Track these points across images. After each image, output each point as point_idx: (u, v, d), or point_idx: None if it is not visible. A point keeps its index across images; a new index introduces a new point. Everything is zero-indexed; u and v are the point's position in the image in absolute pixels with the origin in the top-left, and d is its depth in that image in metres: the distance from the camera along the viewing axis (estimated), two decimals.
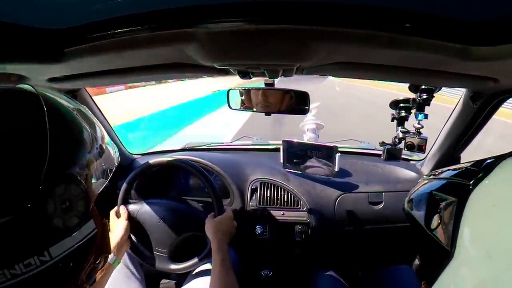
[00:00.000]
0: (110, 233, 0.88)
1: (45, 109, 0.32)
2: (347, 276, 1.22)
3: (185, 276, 1.02)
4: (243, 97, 1.03)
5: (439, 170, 0.66)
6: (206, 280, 0.97)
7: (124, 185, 1.02)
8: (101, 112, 1.22)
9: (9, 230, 0.28)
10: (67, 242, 0.33)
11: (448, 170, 0.58)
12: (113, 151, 0.44)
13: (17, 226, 0.28)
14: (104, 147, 0.40)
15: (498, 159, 0.38)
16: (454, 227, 0.36)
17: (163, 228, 0.97)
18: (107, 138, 0.43)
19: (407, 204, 0.71)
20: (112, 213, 0.99)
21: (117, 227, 0.94)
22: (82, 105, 0.42)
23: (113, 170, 0.43)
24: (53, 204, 0.30)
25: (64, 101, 0.38)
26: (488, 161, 0.42)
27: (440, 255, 0.37)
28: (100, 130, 0.41)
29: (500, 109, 0.93)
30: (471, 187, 0.38)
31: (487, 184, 0.35)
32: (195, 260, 0.95)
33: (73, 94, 1.02)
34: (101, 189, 0.40)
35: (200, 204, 1.12)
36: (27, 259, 0.29)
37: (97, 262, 0.40)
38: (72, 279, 0.35)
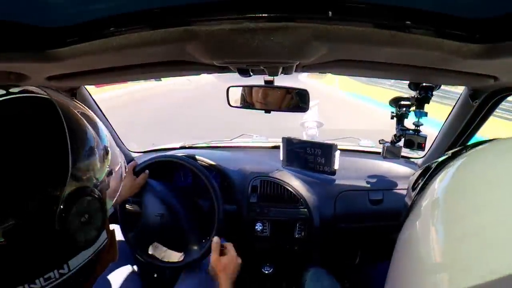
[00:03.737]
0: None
1: (63, 120, 0.31)
2: (346, 271, 1.22)
3: (178, 274, 1.03)
4: (242, 95, 1.03)
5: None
6: (200, 279, 0.98)
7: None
8: (101, 110, 1.22)
9: (32, 246, 0.28)
10: (84, 254, 0.33)
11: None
12: (121, 158, 0.43)
13: (41, 241, 0.28)
14: (113, 155, 0.39)
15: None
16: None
17: (162, 225, 0.97)
18: (114, 144, 0.42)
19: None
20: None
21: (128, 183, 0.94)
22: (85, 107, 0.41)
23: (124, 178, 0.43)
24: (75, 218, 0.30)
25: (71, 105, 0.36)
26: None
27: None
28: (107, 136, 0.40)
29: None
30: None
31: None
32: (193, 257, 0.96)
33: (73, 92, 1.02)
34: (114, 200, 0.40)
35: (200, 202, 1.12)
36: (48, 273, 0.29)
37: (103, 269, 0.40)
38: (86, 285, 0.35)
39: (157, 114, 7.02)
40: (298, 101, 0.97)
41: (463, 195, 0.26)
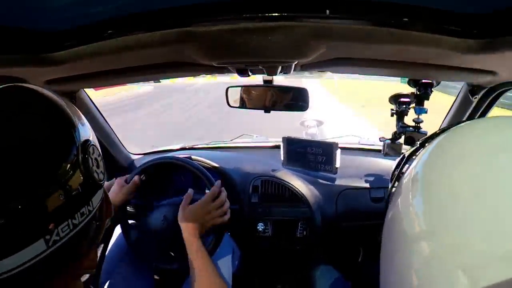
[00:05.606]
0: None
1: (55, 97, 0.38)
2: (348, 269, 1.22)
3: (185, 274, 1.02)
4: (241, 95, 1.03)
5: None
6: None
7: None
8: (100, 113, 1.22)
9: (68, 187, 0.33)
10: (99, 194, 0.38)
11: None
12: None
13: (75, 181, 0.34)
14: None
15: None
16: None
17: (165, 227, 0.97)
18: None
19: None
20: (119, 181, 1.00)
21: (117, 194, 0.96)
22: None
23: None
24: (91, 162, 0.37)
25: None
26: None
27: None
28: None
29: None
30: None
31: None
32: None
33: (72, 96, 1.02)
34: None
35: None
36: (82, 208, 0.35)
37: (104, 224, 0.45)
38: (99, 235, 0.40)
39: None
40: (297, 100, 0.97)
41: (437, 169, 0.28)
